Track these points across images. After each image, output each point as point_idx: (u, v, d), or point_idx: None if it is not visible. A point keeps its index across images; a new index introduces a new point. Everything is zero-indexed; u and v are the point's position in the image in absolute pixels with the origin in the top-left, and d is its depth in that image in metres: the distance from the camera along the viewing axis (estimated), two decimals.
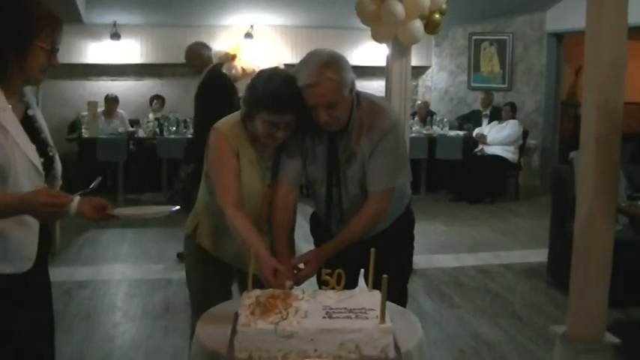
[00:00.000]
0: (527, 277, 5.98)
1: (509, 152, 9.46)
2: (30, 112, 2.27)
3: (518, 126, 9.53)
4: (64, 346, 4.23)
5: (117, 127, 9.51)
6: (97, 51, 10.47)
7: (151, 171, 9.74)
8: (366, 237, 2.70)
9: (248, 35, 10.72)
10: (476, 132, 9.89)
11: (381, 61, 6.23)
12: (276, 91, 2.51)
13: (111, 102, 9.79)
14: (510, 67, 10.89)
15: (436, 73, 12.31)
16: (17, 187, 2.09)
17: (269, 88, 2.53)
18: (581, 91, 3.78)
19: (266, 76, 2.60)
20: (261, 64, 10.43)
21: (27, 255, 2.19)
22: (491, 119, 10.02)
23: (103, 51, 10.47)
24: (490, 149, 9.54)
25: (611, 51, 3.17)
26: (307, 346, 1.98)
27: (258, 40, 10.83)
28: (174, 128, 9.38)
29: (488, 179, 9.45)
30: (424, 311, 5.04)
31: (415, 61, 10.19)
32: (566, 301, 3.52)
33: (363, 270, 2.70)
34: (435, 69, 12.30)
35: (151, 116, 10.05)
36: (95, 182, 2.38)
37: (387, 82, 5.92)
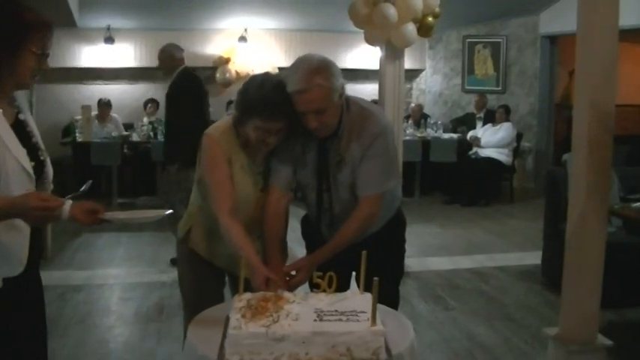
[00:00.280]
0: (521, 279, 5.98)
1: (503, 155, 9.47)
2: (21, 117, 2.27)
3: (512, 129, 9.54)
4: (59, 350, 4.24)
5: (111, 131, 9.49)
6: (91, 55, 10.45)
7: (145, 175, 9.74)
8: (358, 240, 2.69)
9: (242, 39, 10.72)
10: (470, 135, 9.90)
11: (375, 64, 6.24)
12: (268, 98, 2.51)
13: (104, 106, 9.77)
14: (504, 70, 10.90)
15: (430, 75, 12.31)
16: (7, 192, 2.08)
17: (261, 95, 2.52)
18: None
19: (258, 82, 2.59)
20: (256, 67, 10.45)
21: (18, 259, 2.18)
22: (486, 122, 10.03)
23: (96, 55, 10.45)
24: (484, 152, 9.55)
25: (603, 53, 3.18)
26: (298, 349, 1.98)
27: (252, 43, 10.83)
28: None
29: (483, 182, 9.46)
30: (418, 314, 5.04)
31: (409, 63, 10.21)
32: (560, 303, 3.52)
33: (355, 273, 2.70)
34: (429, 72, 12.31)
35: (145, 120, 10.02)
36: (86, 185, 2.38)
37: (381, 85, 5.92)
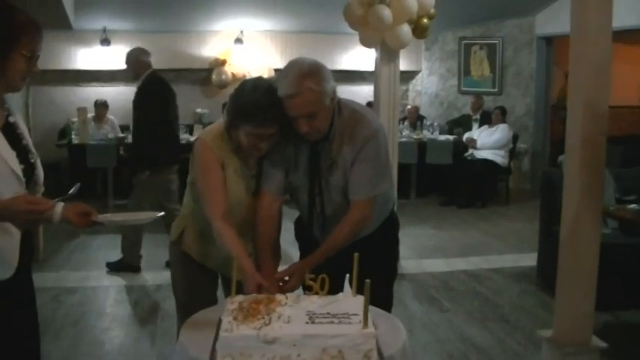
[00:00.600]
0: (517, 280, 5.97)
1: (499, 156, 9.46)
2: (11, 119, 2.26)
3: (508, 130, 9.54)
4: (53, 352, 4.23)
5: (107, 132, 9.48)
6: (87, 57, 10.45)
7: None
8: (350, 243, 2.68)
9: (238, 40, 10.73)
10: (466, 136, 9.90)
11: (371, 66, 6.24)
12: (259, 104, 2.49)
13: (100, 107, 9.75)
14: (500, 71, 10.91)
15: (426, 77, 12.33)
16: None
17: (252, 101, 2.51)
18: None
19: (249, 87, 2.58)
20: (251, 69, 10.47)
21: (8, 262, 2.17)
22: (482, 123, 10.03)
23: (93, 57, 10.44)
24: (480, 153, 9.54)
25: (596, 54, 3.18)
26: (290, 351, 1.97)
27: (248, 45, 10.83)
28: None
29: (479, 183, 9.47)
30: (413, 315, 5.04)
31: (405, 65, 10.20)
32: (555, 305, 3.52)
33: (349, 275, 2.69)
34: (425, 73, 12.32)
35: None
36: (74, 188, 2.36)
37: (376, 87, 5.92)
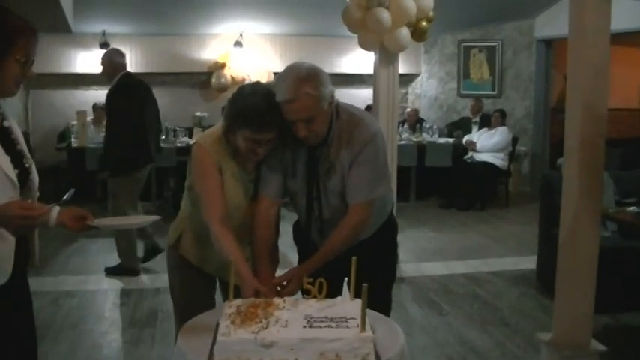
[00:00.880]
0: (516, 283, 5.97)
1: (498, 159, 9.46)
2: (6, 124, 2.24)
3: (507, 133, 9.54)
4: (52, 356, 4.23)
5: None
6: (87, 60, 10.42)
7: None
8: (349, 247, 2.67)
9: (237, 44, 10.71)
10: (465, 139, 9.89)
11: (370, 69, 6.24)
12: (257, 109, 2.49)
13: (100, 111, 9.71)
14: (500, 74, 10.91)
15: (426, 80, 12.32)
16: None
17: (250, 106, 2.51)
18: None
19: (247, 92, 2.58)
20: (251, 72, 10.47)
21: (2, 268, 2.15)
22: (481, 126, 10.03)
23: (92, 60, 10.40)
24: (480, 156, 9.53)
25: (595, 56, 3.18)
26: (287, 355, 1.97)
27: (248, 48, 10.82)
28: (163, 137, 9.32)
29: (478, 186, 9.46)
30: (413, 318, 5.03)
31: (405, 68, 10.19)
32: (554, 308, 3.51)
33: (347, 279, 2.69)
34: (425, 76, 12.31)
35: None
36: (68, 194, 2.34)
37: (375, 90, 5.92)
